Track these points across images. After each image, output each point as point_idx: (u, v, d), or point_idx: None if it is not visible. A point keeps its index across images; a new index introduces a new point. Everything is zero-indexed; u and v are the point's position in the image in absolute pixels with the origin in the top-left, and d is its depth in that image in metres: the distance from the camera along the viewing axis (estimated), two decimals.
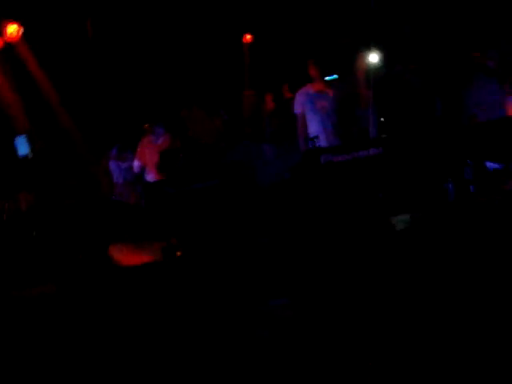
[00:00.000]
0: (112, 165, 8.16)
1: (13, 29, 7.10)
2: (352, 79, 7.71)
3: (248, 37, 10.07)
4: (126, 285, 4.15)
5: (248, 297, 3.56)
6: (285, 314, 3.35)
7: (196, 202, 4.09)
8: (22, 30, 7.09)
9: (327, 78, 7.70)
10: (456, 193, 4.15)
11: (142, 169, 7.70)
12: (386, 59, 7.34)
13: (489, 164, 4.31)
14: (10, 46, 7.10)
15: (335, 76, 8.07)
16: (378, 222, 3.67)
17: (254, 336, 3.26)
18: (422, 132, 4.44)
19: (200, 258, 4.03)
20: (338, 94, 7.39)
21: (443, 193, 4.09)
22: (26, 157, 5.47)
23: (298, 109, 7.50)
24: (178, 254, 4.41)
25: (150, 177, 7.54)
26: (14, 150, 5.95)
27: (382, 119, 6.76)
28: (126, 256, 4.40)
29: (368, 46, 7.75)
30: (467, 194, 4.27)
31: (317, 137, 6.76)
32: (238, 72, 9.65)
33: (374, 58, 7.71)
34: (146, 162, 7.73)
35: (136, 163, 7.85)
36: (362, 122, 7.08)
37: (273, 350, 3.10)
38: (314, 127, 7.30)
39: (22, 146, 5.55)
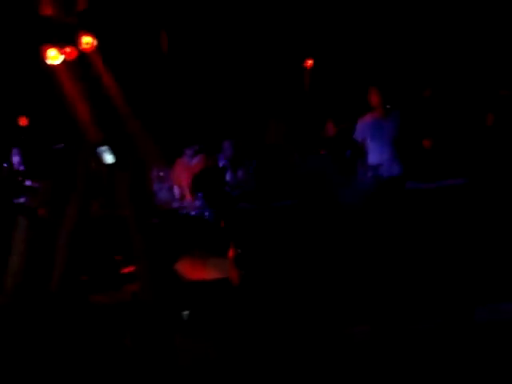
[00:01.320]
0: (155, 187, 8.11)
1: (88, 39, 7.31)
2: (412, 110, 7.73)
3: (310, 62, 10.14)
4: (191, 299, 4.17)
5: (323, 321, 3.54)
6: (365, 340, 3.33)
7: (273, 220, 4.08)
8: (96, 41, 7.28)
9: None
10: None
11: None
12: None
13: None
14: (84, 56, 7.30)
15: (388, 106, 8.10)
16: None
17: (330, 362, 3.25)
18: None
19: (270, 278, 4.03)
20: (398, 123, 7.41)
21: None
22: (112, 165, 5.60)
23: (359, 136, 7.54)
24: (242, 272, 4.42)
25: (186, 201, 7.50)
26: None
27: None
28: (193, 271, 4.44)
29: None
30: None
31: (379, 165, 6.78)
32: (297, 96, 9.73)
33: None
34: (181, 185, 7.77)
35: (175, 189, 7.87)
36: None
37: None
38: (374, 155, 7.32)
39: (107, 155, 5.65)
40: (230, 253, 4.44)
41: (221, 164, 7.82)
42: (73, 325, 3.61)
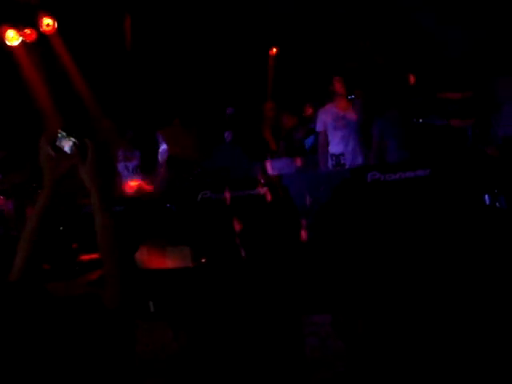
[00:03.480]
0: (120, 167, 8.04)
1: (48, 21, 7.16)
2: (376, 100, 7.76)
3: (274, 50, 10.12)
4: (150, 288, 4.14)
5: (278, 310, 3.56)
6: (326, 329, 3.36)
7: (232, 210, 4.07)
8: (56, 24, 7.14)
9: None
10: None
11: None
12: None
13: None
14: (43, 39, 7.16)
15: (352, 96, 8.13)
16: (424, 247, 3.69)
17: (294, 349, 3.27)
18: (456, 160, 4.49)
19: (229, 266, 4.02)
20: (361, 113, 7.43)
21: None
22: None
23: (320, 126, 7.53)
24: (203, 260, 4.40)
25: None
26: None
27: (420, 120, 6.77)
28: (151, 259, 4.40)
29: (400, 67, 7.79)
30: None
31: (342, 154, 6.81)
32: (261, 84, 9.71)
33: None
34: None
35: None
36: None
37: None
38: (335, 145, 7.34)
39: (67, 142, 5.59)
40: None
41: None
42: (29, 314, 3.53)
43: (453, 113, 6.59)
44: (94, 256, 5.29)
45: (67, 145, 2.37)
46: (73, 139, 2.36)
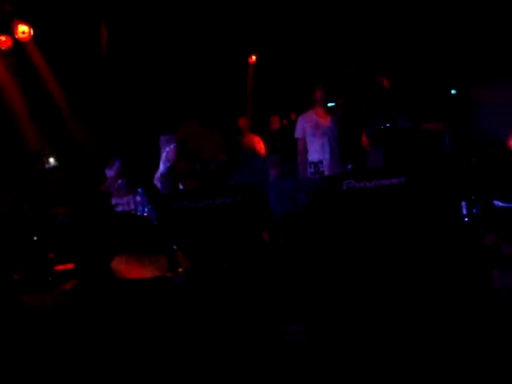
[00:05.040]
0: (107, 172, 7.99)
1: (24, 28, 7.09)
2: (356, 107, 7.78)
3: (254, 58, 10.11)
4: (127, 298, 4.07)
5: (258, 321, 3.52)
6: (299, 339, 3.33)
7: (212, 218, 4.02)
8: (32, 31, 7.08)
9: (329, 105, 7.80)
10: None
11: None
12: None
13: (496, 202, 4.36)
14: (19, 46, 7.09)
15: (332, 104, 8.16)
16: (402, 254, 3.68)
17: (266, 360, 3.23)
18: (433, 167, 4.49)
19: (207, 276, 3.98)
20: (339, 121, 7.45)
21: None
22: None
23: (299, 133, 7.53)
24: (180, 270, 4.33)
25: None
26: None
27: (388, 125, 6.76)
28: (129, 268, 4.33)
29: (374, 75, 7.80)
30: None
31: (321, 162, 6.82)
32: (242, 92, 9.70)
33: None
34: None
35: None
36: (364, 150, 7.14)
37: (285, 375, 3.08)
38: (314, 152, 7.35)
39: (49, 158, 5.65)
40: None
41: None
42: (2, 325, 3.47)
43: (424, 116, 6.60)
44: (69, 266, 5.22)
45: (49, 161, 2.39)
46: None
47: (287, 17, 9.17)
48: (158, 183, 7.52)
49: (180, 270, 4.39)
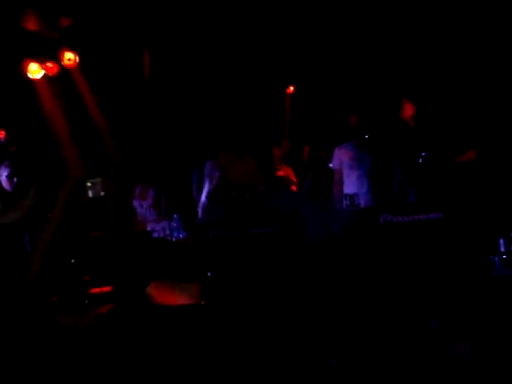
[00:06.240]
0: (135, 204, 8.03)
1: (70, 55, 7.31)
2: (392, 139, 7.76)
3: (291, 88, 10.20)
4: (161, 325, 4.12)
5: (293, 353, 3.50)
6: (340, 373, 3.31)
7: (248, 248, 4.03)
8: (78, 58, 7.29)
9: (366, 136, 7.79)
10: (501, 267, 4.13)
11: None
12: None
13: None
14: (65, 73, 7.30)
15: (367, 135, 8.15)
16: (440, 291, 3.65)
17: None
18: (470, 202, 4.45)
19: (241, 306, 3.98)
20: (376, 153, 7.42)
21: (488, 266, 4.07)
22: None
23: (335, 164, 7.54)
24: (203, 302, 4.33)
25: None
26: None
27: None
28: (162, 295, 4.37)
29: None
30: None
31: (356, 195, 6.80)
32: (279, 122, 9.77)
33: None
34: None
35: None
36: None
37: None
38: (350, 185, 7.33)
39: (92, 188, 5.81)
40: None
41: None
42: (41, 347, 3.54)
43: (453, 149, 6.54)
44: (106, 289, 5.30)
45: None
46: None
47: (325, 48, 9.27)
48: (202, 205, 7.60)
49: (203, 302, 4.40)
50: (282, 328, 3.66)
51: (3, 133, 8.66)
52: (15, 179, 6.43)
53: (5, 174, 6.48)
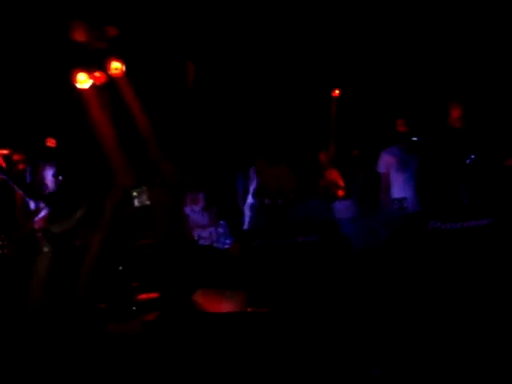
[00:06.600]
0: (187, 210, 8.11)
1: (117, 65, 7.42)
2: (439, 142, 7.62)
3: (337, 91, 10.12)
4: (207, 331, 4.14)
5: (335, 363, 3.47)
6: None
7: (293, 256, 4.02)
8: (124, 67, 7.39)
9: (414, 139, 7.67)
10: None
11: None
12: None
13: None
14: (112, 82, 7.42)
15: (416, 138, 8.02)
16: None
17: None
18: None
19: (285, 315, 3.97)
20: (423, 156, 7.30)
21: None
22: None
23: (382, 168, 7.44)
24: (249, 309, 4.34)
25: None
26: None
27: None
28: (208, 302, 4.40)
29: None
30: None
31: (404, 198, 6.69)
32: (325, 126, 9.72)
33: None
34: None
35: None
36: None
37: None
38: (398, 189, 7.22)
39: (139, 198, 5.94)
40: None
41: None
42: (88, 354, 3.61)
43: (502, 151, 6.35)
44: (153, 295, 5.37)
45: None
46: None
47: (371, 51, 9.19)
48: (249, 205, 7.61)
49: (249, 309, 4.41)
50: (325, 336, 3.63)
51: (53, 141, 8.87)
52: (60, 177, 6.64)
53: (50, 173, 6.70)
